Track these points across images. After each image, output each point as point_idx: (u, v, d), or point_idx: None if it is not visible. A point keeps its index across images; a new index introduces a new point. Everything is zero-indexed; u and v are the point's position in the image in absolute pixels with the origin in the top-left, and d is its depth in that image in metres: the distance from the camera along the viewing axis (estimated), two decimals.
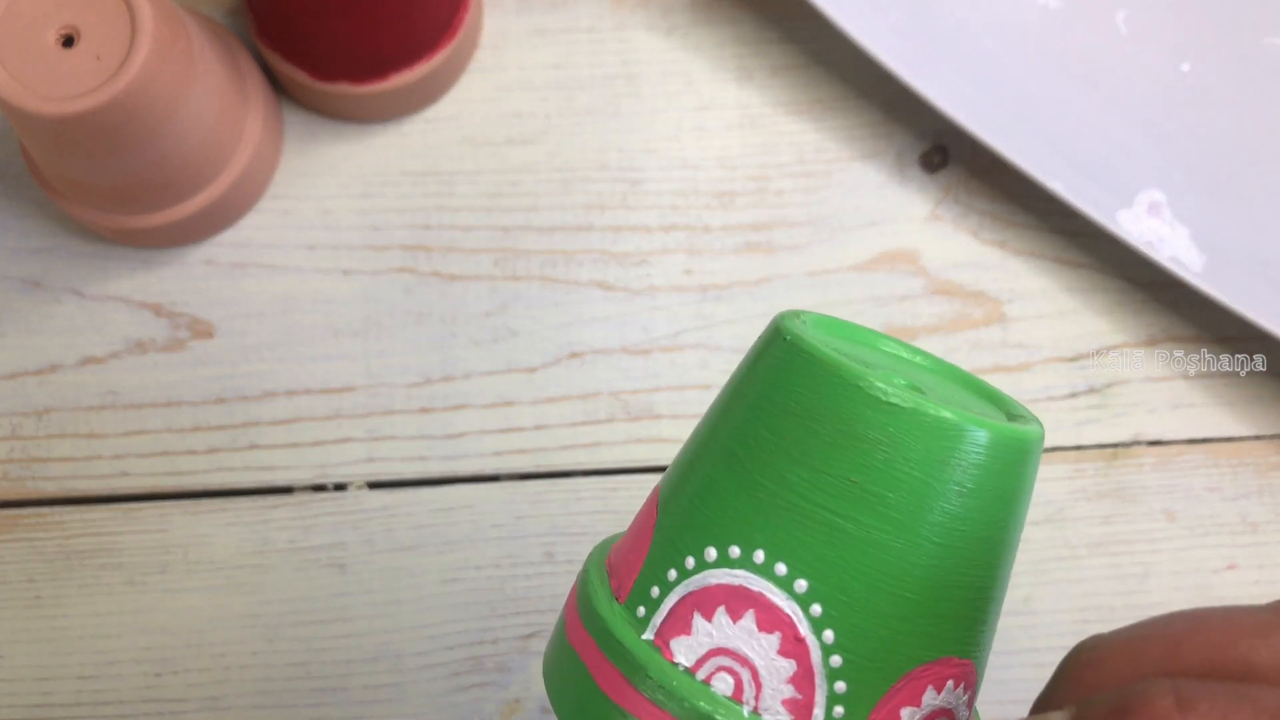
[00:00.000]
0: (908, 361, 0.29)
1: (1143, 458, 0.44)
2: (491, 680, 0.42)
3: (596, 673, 0.25)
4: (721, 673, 0.24)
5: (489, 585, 0.42)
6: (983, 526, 0.24)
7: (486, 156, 0.44)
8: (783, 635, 0.24)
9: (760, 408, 0.25)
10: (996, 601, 0.25)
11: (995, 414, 0.26)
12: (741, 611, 0.24)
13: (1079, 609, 0.43)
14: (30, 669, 0.41)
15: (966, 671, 0.25)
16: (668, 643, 0.25)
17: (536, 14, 0.45)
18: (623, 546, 0.27)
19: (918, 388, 0.25)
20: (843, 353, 0.25)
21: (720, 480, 0.25)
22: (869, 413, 0.23)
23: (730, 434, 0.25)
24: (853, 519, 0.24)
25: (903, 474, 0.23)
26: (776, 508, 0.24)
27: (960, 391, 0.28)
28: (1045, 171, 0.42)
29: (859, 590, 0.24)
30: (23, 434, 0.42)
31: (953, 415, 0.23)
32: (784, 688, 0.24)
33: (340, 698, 0.41)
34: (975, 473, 0.24)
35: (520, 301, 0.44)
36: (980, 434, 0.24)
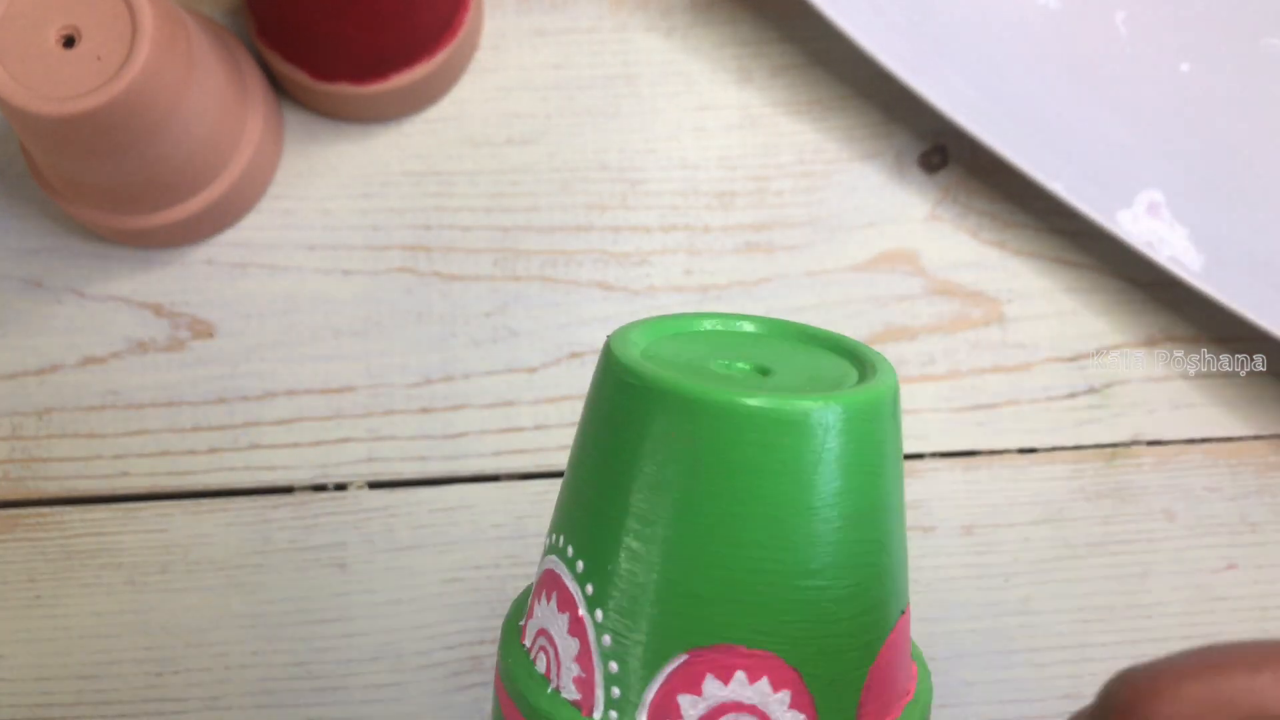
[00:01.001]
0: (744, 335, 0.28)
1: (1142, 458, 0.44)
2: (491, 680, 0.42)
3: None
4: (540, 652, 0.26)
5: (489, 585, 0.42)
6: (757, 504, 0.23)
7: (486, 156, 0.44)
8: (570, 615, 0.25)
9: (585, 419, 0.26)
10: (810, 592, 0.23)
11: (848, 370, 0.26)
12: (551, 593, 0.26)
13: (1079, 609, 0.43)
14: (30, 669, 0.41)
15: (771, 666, 0.23)
16: (524, 627, 0.27)
17: (536, 14, 0.45)
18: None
19: (763, 368, 0.25)
20: (662, 356, 0.25)
21: (566, 480, 0.26)
22: (616, 395, 0.25)
23: (575, 444, 0.27)
24: (607, 498, 0.24)
25: (639, 449, 0.24)
26: (575, 495, 0.26)
27: (806, 350, 0.27)
28: (1045, 171, 0.42)
29: (616, 569, 0.24)
30: (23, 434, 0.42)
31: (685, 390, 0.23)
32: (573, 666, 0.25)
33: (340, 698, 0.41)
34: (740, 448, 0.23)
35: (520, 301, 0.44)
36: (723, 408, 0.23)
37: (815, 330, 0.28)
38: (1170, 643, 0.43)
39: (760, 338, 0.28)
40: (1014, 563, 0.43)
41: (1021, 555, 0.43)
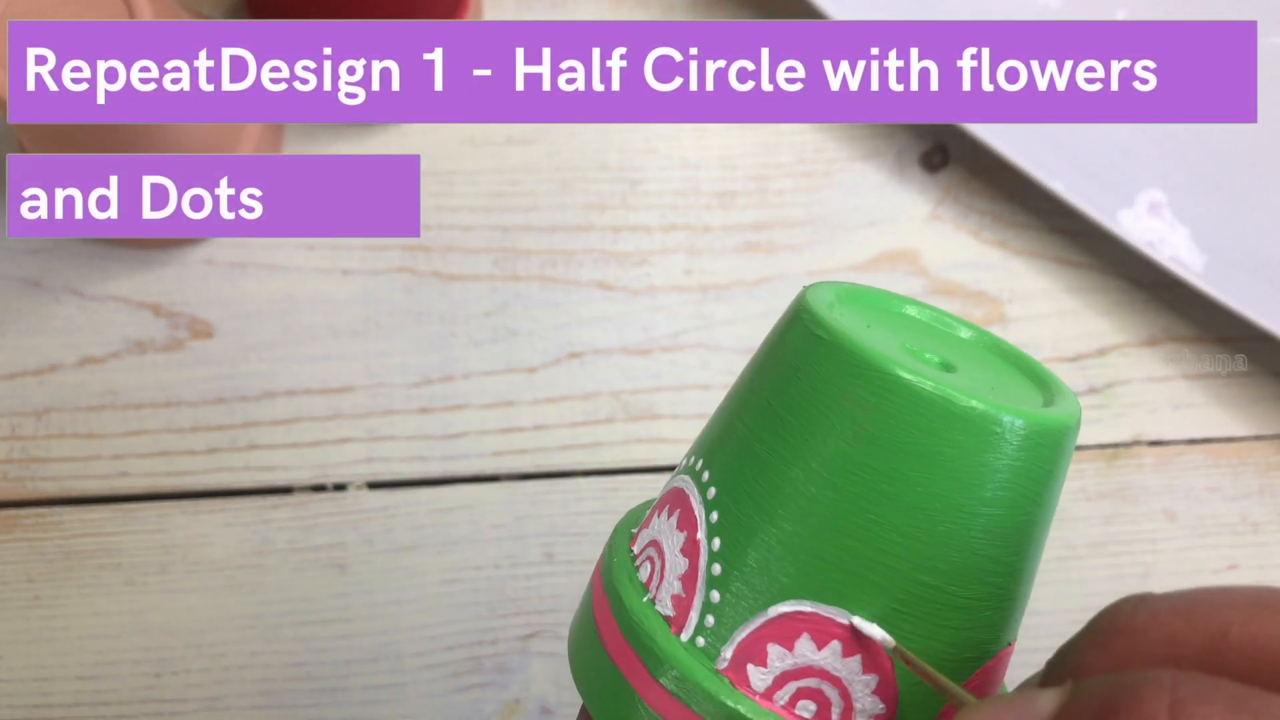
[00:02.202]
0: (940, 330, 0.28)
1: (1143, 458, 0.44)
2: (491, 680, 0.42)
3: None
4: (646, 561, 0.26)
5: (489, 585, 0.42)
6: (908, 489, 0.23)
7: (486, 156, 0.44)
8: (688, 535, 0.25)
9: (758, 360, 0.26)
10: (929, 590, 0.23)
11: (1033, 393, 0.26)
12: (674, 510, 0.26)
13: (1079, 609, 0.43)
14: (30, 669, 0.41)
15: (866, 645, 0.23)
16: (636, 534, 0.27)
17: (536, 14, 0.45)
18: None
19: (949, 364, 0.25)
20: (864, 325, 0.25)
21: (720, 410, 0.26)
22: (800, 342, 0.24)
23: (740, 379, 0.26)
24: (760, 438, 0.24)
25: (808, 400, 0.24)
26: (724, 424, 0.26)
27: (997, 363, 0.27)
28: (1045, 171, 0.42)
29: (749, 506, 0.24)
30: (22, 434, 0.42)
31: (872, 357, 0.23)
32: (675, 583, 0.25)
33: (340, 698, 0.41)
34: (910, 430, 0.23)
35: (520, 301, 0.44)
36: (906, 386, 0.22)
37: (1011, 348, 0.28)
38: None
39: (956, 338, 0.28)
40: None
41: None
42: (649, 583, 0.26)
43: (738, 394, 0.26)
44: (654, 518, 0.27)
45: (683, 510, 0.25)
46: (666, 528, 0.26)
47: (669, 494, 0.26)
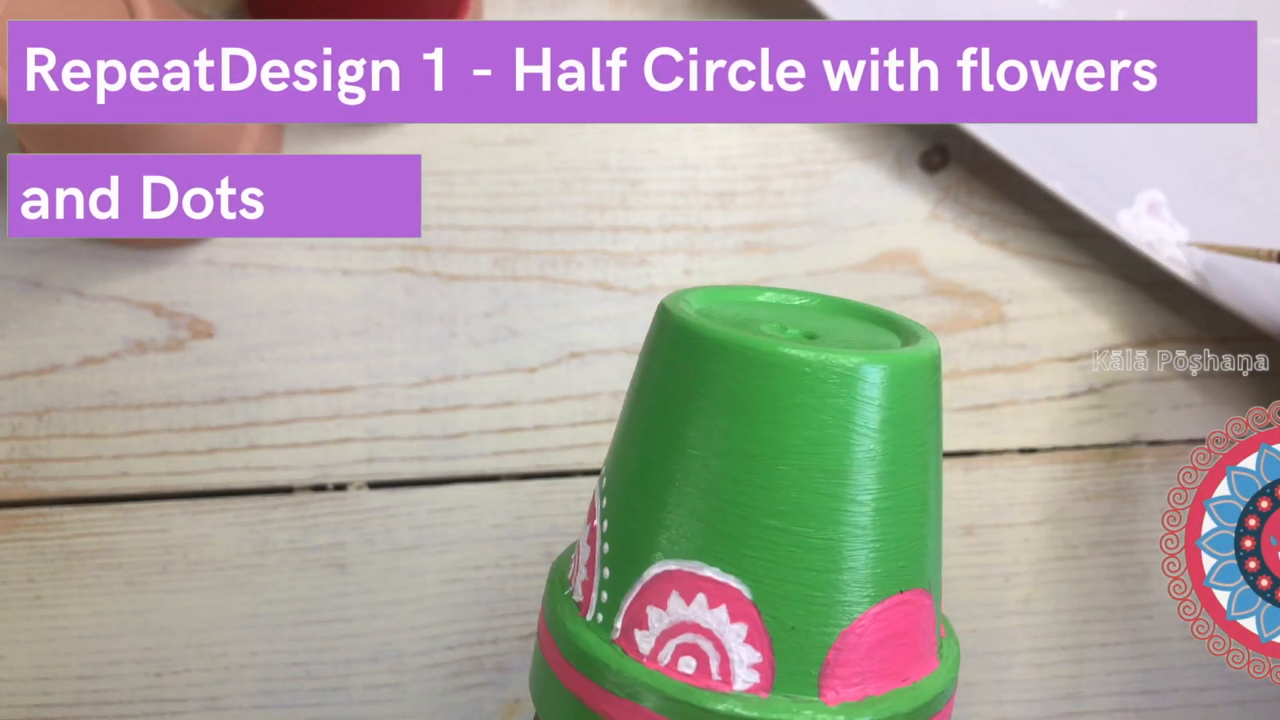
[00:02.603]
0: (797, 307, 0.30)
1: (1142, 458, 0.44)
2: (491, 680, 0.42)
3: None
4: (573, 560, 0.28)
5: (489, 585, 0.42)
6: (738, 440, 0.24)
7: (486, 156, 0.44)
8: (590, 526, 0.27)
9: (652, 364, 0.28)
10: (777, 533, 0.24)
11: (892, 339, 0.27)
12: (590, 508, 0.28)
13: (1079, 609, 0.43)
14: (31, 668, 0.41)
15: (731, 596, 0.24)
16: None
17: (536, 13, 0.45)
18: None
19: (811, 333, 0.27)
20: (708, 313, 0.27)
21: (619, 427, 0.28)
22: (651, 332, 0.27)
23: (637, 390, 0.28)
24: (629, 423, 0.27)
25: (655, 379, 0.26)
26: (617, 426, 0.28)
27: (849, 323, 0.29)
28: (1045, 171, 0.42)
29: (622, 485, 0.26)
30: (23, 434, 0.42)
31: (684, 326, 0.25)
32: (583, 570, 0.27)
33: (340, 698, 0.41)
34: (723, 383, 0.24)
35: (520, 301, 0.44)
36: (717, 342, 0.25)
37: (873, 308, 0.29)
38: (1170, 643, 0.43)
39: (818, 311, 0.29)
40: (1014, 563, 0.43)
41: (1022, 555, 0.43)
42: (571, 577, 0.28)
43: (625, 395, 0.28)
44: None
45: (590, 506, 0.27)
46: (583, 525, 0.28)
47: (590, 503, 0.28)
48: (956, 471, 0.43)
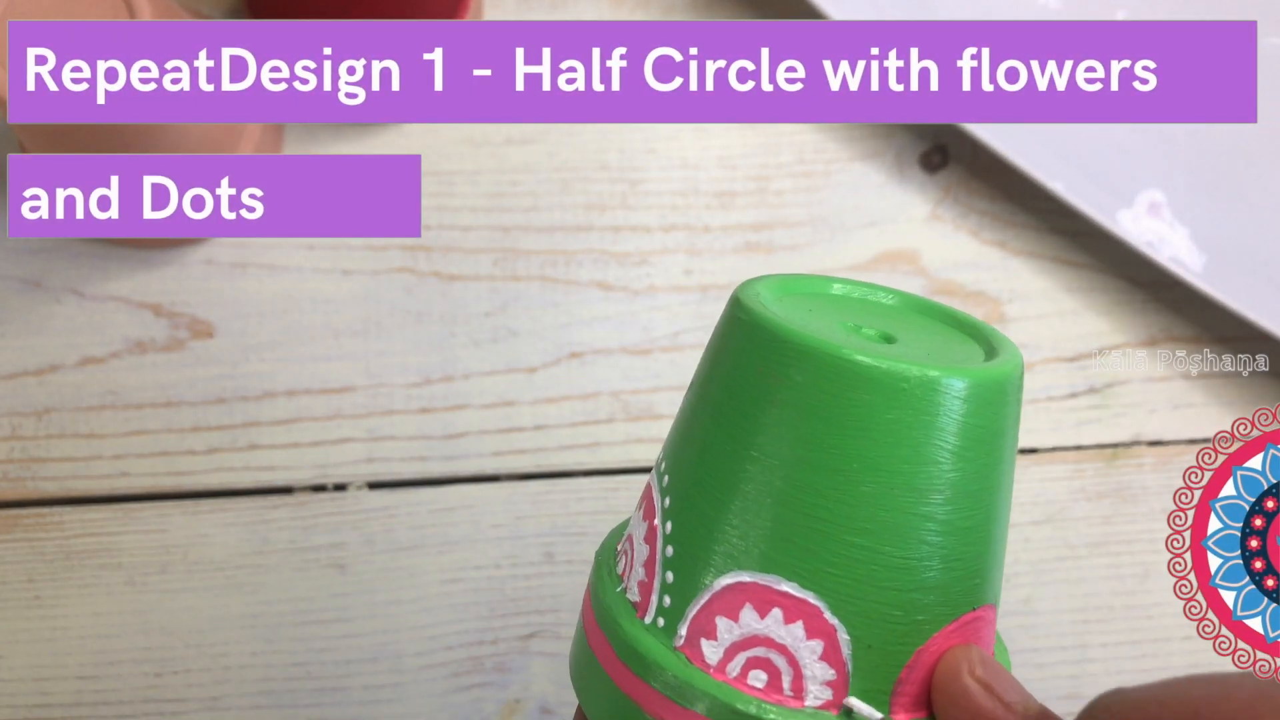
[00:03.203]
0: (877, 304, 0.29)
1: (1143, 458, 0.44)
2: (491, 680, 0.42)
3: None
4: (622, 555, 0.27)
5: (489, 585, 0.42)
6: (825, 453, 0.23)
7: (486, 156, 0.44)
8: (649, 524, 0.26)
9: (702, 358, 0.27)
10: (860, 551, 0.23)
11: (973, 348, 0.26)
12: (643, 503, 0.27)
13: (1079, 609, 0.43)
14: (31, 668, 0.41)
15: (809, 612, 0.24)
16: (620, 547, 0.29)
17: (536, 13, 0.45)
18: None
19: (889, 336, 0.26)
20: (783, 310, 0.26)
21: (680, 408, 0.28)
22: (726, 329, 0.26)
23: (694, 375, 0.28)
24: (699, 421, 0.26)
25: (732, 380, 0.25)
26: (678, 418, 0.27)
27: (925, 323, 0.28)
28: (1045, 171, 0.42)
29: (692, 487, 0.25)
30: (23, 434, 0.42)
31: (768, 329, 0.24)
32: (640, 570, 0.26)
33: (340, 698, 0.41)
34: (816, 395, 0.23)
35: (520, 301, 0.44)
36: (802, 350, 0.24)
37: (952, 310, 0.28)
38: (1170, 642, 0.43)
39: (894, 309, 0.28)
40: (1014, 563, 0.43)
41: (1022, 555, 0.43)
42: (623, 574, 0.27)
43: (689, 388, 0.27)
44: (634, 515, 0.28)
45: (647, 503, 0.26)
46: (637, 520, 0.27)
47: (644, 491, 0.27)
48: None
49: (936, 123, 0.45)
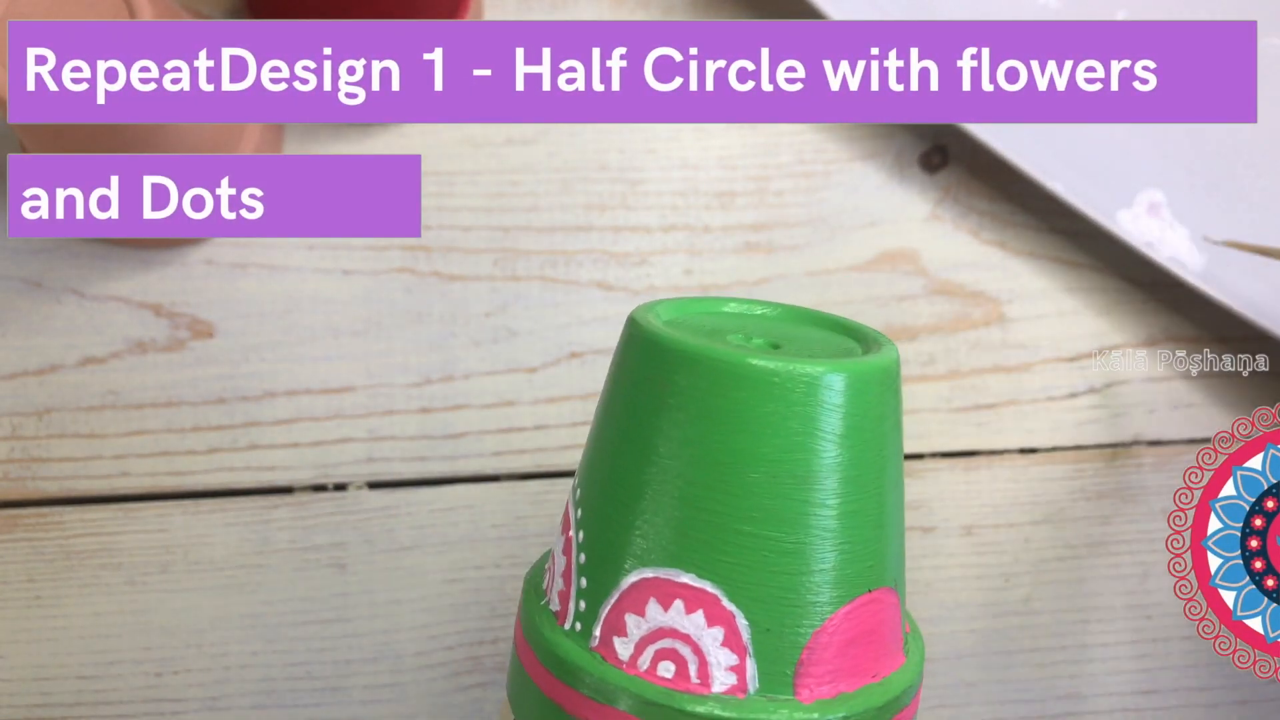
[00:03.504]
0: (760, 317, 0.30)
1: (1143, 458, 0.44)
2: (491, 680, 0.42)
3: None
4: (546, 570, 0.29)
5: (489, 585, 0.42)
6: (710, 448, 0.25)
7: (486, 156, 0.44)
8: (565, 537, 0.27)
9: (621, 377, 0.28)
10: (750, 539, 0.25)
11: (853, 348, 0.28)
12: (562, 520, 0.28)
13: (1079, 609, 0.43)
14: (31, 668, 0.41)
15: (708, 601, 0.25)
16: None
17: (536, 13, 0.45)
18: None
19: (775, 343, 0.27)
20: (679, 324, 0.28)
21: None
22: (621, 345, 0.28)
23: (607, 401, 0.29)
24: (600, 434, 0.27)
25: (624, 390, 0.27)
26: (588, 437, 0.28)
27: (811, 331, 0.29)
28: (1045, 171, 0.42)
29: (596, 495, 0.27)
30: (23, 434, 0.42)
31: (654, 338, 0.26)
32: (559, 580, 0.27)
33: (340, 698, 0.41)
34: (694, 393, 0.25)
35: (520, 301, 0.44)
36: (687, 353, 0.25)
37: (834, 317, 0.30)
38: (1171, 643, 0.43)
39: (780, 321, 0.30)
40: (1014, 563, 0.43)
41: (1022, 555, 0.43)
42: (547, 588, 0.28)
43: (596, 407, 0.28)
44: (557, 536, 0.29)
45: (564, 517, 0.28)
46: (556, 536, 0.28)
47: (564, 510, 0.28)
48: (957, 471, 0.43)
49: (936, 123, 0.45)
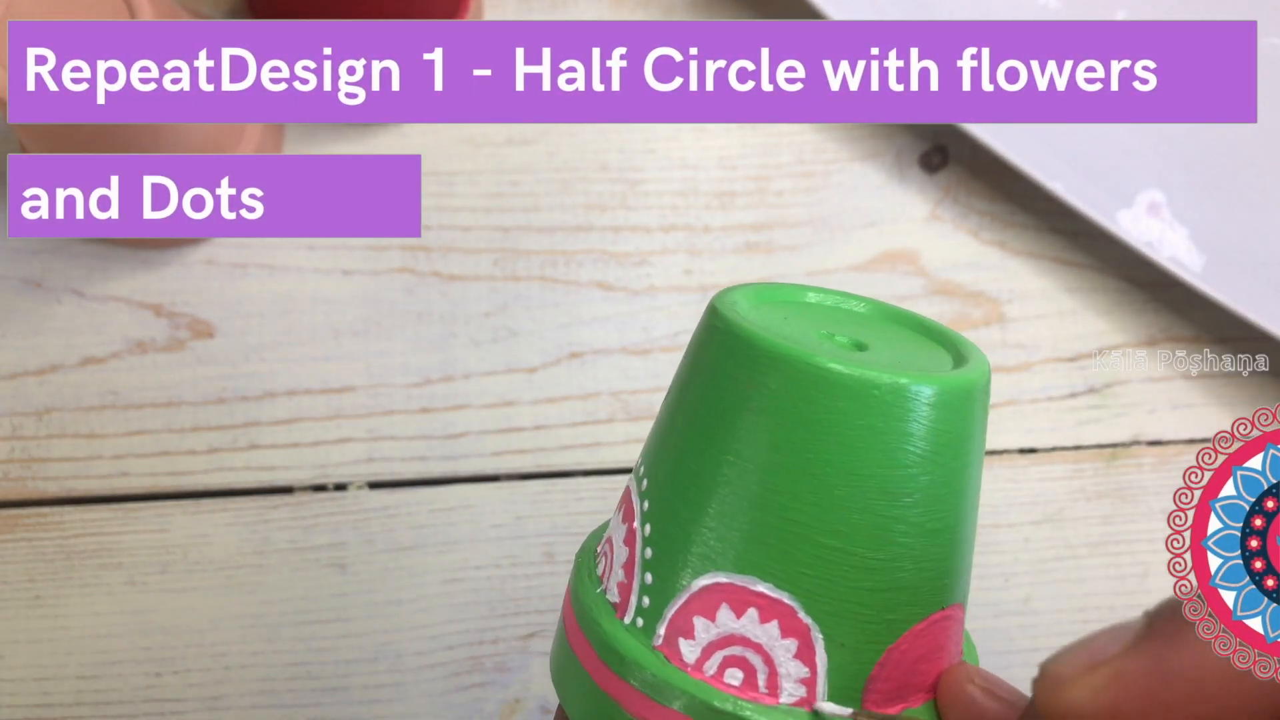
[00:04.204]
0: (849, 312, 0.29)
1: (1143, 458, 0.44)
2: (491, 680, 0.42)
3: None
4: (601, 557, 0.28)
5: (489, 585, 0.42)
6: (800, 458, 0.24)
7: (486, 156, 0.44)
8: (629, 526, 0.27)
9: (680, 364, 0.28)
10: (833, 553, 0.24)
11: (942, 355, 0.27)
12: (622, 507, 0.27)
13: (1079, 609, 0.43)
14: (31, 669, 0.41)
15: (784, 612, 0.24)
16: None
17: (536, 13, 0.45)
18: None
19: (860, 344, 0.26)
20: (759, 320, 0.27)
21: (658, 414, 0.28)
22: (702, 336, 0.26)
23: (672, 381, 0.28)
24: (675, 425, 0.26)
25: (706, 385, 0.25)
26: (656, 423, 0.27)
27: (895, 330, 0.29)
28: (1045, 172, 0.42)
29: (669, 490, 0.26)
30: (23, 434, 0.42)
31: (742, 336, 0.25)
32: (619, 571, 0.27)
33: (340, 698, 0.41)
34: (789, 400, 0.24)
35: (520, 301, 0.44)
36: (775, 357, 0.24)
37: (923, 319, 0.29)
38: None
39: (867, 318, 0.29)
40: (1014, 563, 0.43)
41: (1021, 555, 0.43)
42: (603, 575, 0.27)
43: (667, 394, 0.28)
44: (613, 518, 0.28)
45: (626, 506, 0.27)
46: (616, 522, 0.27)
47: (623, 494, 0.28)
48: None
49: (936, 123, 0.45)
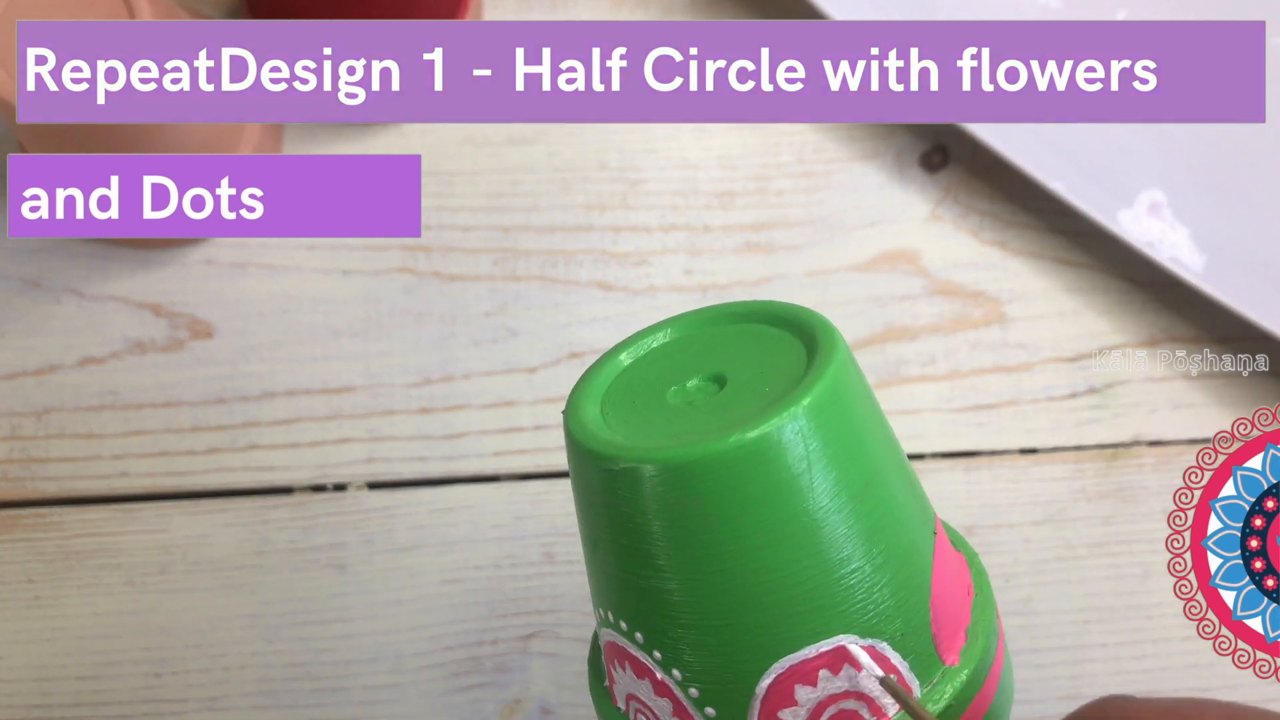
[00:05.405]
0: (683, 344, 0.28)
1: (1143, 458, 0.44)
2: (491, 680, 0.42)
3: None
4: (639, 714, 0.27)
5: (489, 585, 0.42)
6: (747, 536, 0.24)
7: (486, 156, 0.44)
8: (650, 680, 0.26)
9: (578, 498, 0.27)
10: (854, 576, 0.24)
11: (796, 349, 0.26)
12: (624, 663, 0.27)
13: (1079, 609, 0.43)
14: (30, 669, 0.41)
15: (839, 655, 0.24)
16: (610, 689, 0.28)
17: (536, 13, 0.45)
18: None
19: (719, 376, 0.26)
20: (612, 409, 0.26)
21: (587, 556, 0.27)
22: (602, 479, 0.25)
23: (579, 519, 0.27)
24: (639, 574, 0.25)
25: (642, 525, 0.24)
26: (603, 572, 0.26)
27: (750, 336, 0.28)
28: (1045, 171, 0.42)
29: (675, 631, 0.25)
30: (22, 434, 0.42)
31: (656, 460, 0.24)
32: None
33: (340, 698, 0.41)
34: (697, 501, 0.24)
35: (520, 301, 0.44)
36: (652, 468, 0.24)
37: (746, 306, 0.28)
38: (1171, 643, 0.43)
39: (699, 340, 0.28)
40: (1014, 563, 0.43)
41: (1022, 556, 0.43)
42: None
43: (590, 539, 0.27)
44: (614, 671, 0.27)
45: (630, 661, 0.26)
46: (630, 679, 0.27)
47: (608, 648, 0.27)
48: (957, 472, 0.43)
49: (936, 123, 0.45)
